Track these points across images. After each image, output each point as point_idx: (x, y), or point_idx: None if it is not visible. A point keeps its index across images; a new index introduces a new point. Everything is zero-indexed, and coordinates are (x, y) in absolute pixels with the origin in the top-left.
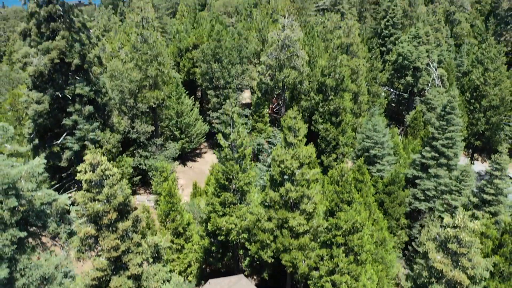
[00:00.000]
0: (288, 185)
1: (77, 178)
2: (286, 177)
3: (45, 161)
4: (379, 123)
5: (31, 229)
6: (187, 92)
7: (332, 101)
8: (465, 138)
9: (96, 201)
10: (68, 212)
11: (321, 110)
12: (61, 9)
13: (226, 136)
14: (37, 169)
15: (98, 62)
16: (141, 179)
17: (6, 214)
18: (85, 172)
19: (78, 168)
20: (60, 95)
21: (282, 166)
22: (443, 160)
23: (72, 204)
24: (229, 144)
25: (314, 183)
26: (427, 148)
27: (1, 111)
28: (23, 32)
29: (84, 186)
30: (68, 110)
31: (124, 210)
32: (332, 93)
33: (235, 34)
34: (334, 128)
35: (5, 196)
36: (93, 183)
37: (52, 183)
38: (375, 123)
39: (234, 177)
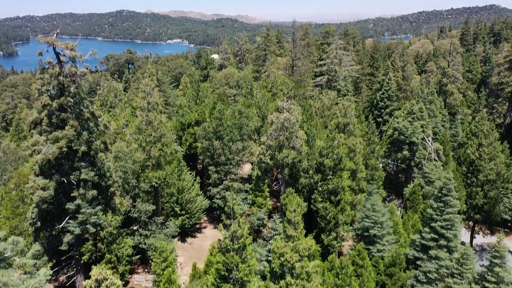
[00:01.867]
0: (288, 278)
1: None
2: (286, 269)
3: (51, 272)
4: (377, 203)
5: None
6: (189, 164)
7: (330, 181)
8: (465, 212)
9: None
10: None
11: (320, 189)
12: (72, 101)
13: (227, 227)
14: (43, 282)
15: (104, 147)
16: (140, 258)
17: None
18: None
19: (84, 283)
20: (65, 181)
21: (282, 259)
22: (443, 242)
23: None
24: (229, 235)
25: (315, 274)
26: (426, 229)
27: (6, 189)
28: (34, 121)
29: None
30: (72, 194)
31: None
32: (331, 173)
33: (236, 113)
34: (333, 207)
35: None
36: None
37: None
38: (373, 203)
39: (234, 268)
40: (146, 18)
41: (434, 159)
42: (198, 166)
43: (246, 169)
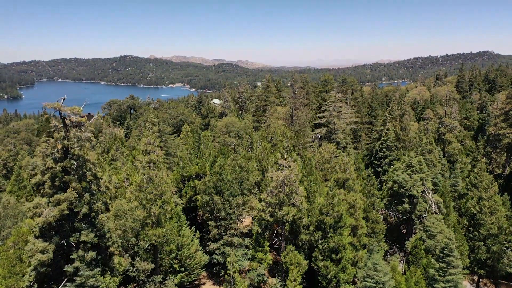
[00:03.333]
0: None
1: None
2: None
3: None
4: (379, 261)
5: None
6: (188, 217)
7: (331, 238)
8: (468, 267)
9: None
10: None
11: (320, 247)
12: (75, 163)
13: None
14: None
15: (105, 208)
16: None
17: None
18: None
19: None
20: (65, 243)
21: None
22: None
23: None
24: None
25: None
26: None
27: (4, 248)
28: (37, 183)
29: None
30: (71, 256)
31: None
32: (331, 230)
33: (236, 167)
34: (335, 265)
35: None
36: None
37: None
38: (375, 261)
39: None
40: (149, 63)
41: (435, 212)
42: (198, 219)
43: (246, 222)
